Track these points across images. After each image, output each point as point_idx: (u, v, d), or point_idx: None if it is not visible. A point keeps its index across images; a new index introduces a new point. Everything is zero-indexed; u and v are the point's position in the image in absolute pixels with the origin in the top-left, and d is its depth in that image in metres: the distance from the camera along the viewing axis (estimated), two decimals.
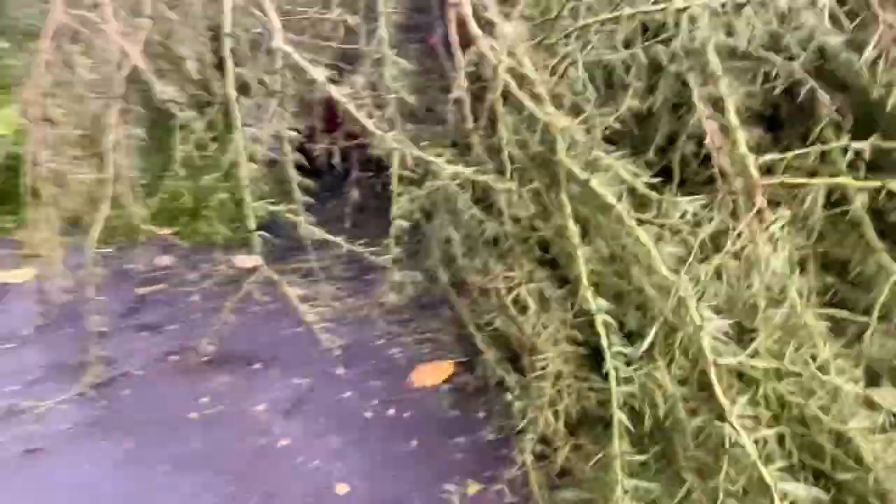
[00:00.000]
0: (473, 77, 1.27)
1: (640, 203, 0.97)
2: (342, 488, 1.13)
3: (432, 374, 1.43)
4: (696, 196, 0.86)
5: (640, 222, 0.85)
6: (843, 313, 1.12)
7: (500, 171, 1.21)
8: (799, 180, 0.89)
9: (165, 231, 2.14)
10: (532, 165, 1.16)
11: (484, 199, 1.30)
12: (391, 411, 1.33)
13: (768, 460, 0.70)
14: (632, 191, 0.99)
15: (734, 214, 0.89)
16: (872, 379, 1.07)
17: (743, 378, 0.78)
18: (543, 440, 1.10)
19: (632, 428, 0.84)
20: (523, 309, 1.18)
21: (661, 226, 0.84)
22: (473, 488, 1.13)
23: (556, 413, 1.04)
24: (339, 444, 1.23)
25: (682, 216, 0.89)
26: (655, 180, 0.93)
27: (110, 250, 1.92)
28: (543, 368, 1.07)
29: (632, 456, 0.83)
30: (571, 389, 1.03)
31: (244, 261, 2.00)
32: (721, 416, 0.72)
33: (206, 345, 1.51)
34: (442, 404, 1.35)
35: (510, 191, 1.09)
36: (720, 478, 0.70)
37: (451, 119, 1.36)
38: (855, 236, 1.16)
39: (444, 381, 1.42)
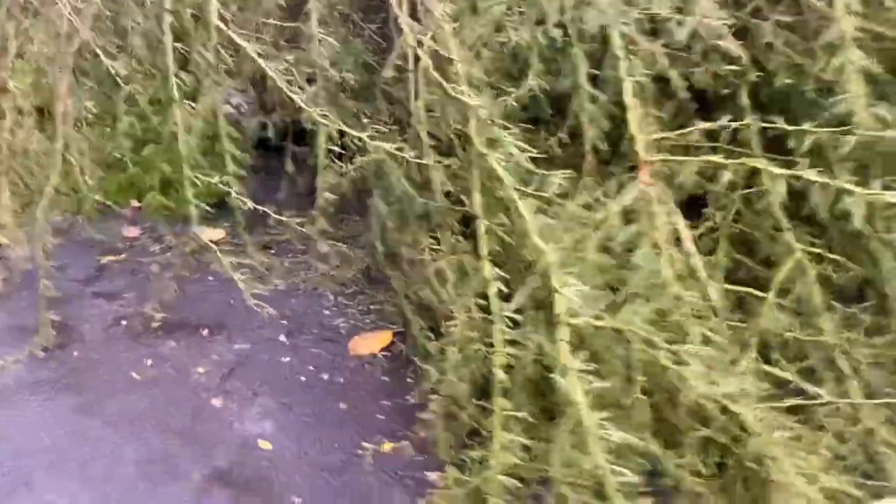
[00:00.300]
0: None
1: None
2: (266, 445, 1.20)
3: (370, 342, 1.49)
4: (566, 171, 0.91)
5: (522, 195, 0.90)
6: (746, 289, 1.18)
7: (435, 148, 1.27)
8: (677, 158, 0.94)
9: (136, 204, 2.20)
10: (455, 143, 1.21)
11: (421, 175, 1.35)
12: (325, 376, 1.39)
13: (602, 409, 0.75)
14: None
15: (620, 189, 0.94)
16: (764, 350, 1.12)
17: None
18: (457, 403, 1.16)
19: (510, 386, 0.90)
20: (444, 280, 1.24)
21: (540, 198, 0.89)
22: (387, 447, 1.19)
23: (460, 377, 1.09)
24: (270, 406, 1.30)
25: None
26: (540, 156, 0.98)
27: (79, 220, 2.00)
28: (451, 335, 1.13)
29: (510, 412, 0.88)
30: (477, 355, 1.09)
31: (208, 234, 2.06)
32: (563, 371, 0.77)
33: (157, 311, 1.58)
34: (374, 371, 1.41)
35: (428, 166, 1.14)
36: (561, 425, 0.76)
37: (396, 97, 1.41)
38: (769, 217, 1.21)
39: (381, 350, 1.48)
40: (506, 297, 1.00)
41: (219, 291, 1.70)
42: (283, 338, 1.52)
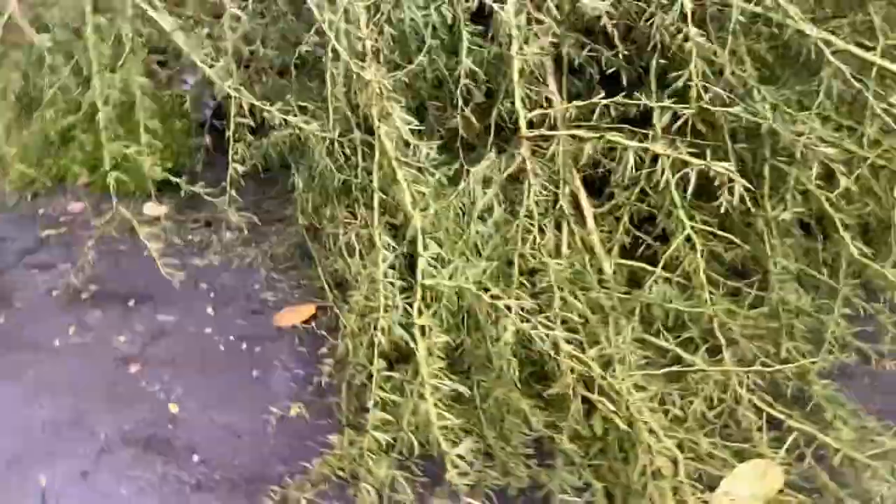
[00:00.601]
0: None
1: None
2: (174, 408, 1.24)
3: (293, 315, 1.53)
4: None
5: (400, 163, 0.94)
6: (636, 263, 1.23)
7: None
8: (551, 132, 0.98)
9: (84, 179, 2.23)
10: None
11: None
12: (244, 346, 1.43)
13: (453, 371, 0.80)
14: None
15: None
16: (648, 320, 1.17)
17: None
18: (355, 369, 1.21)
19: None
20: (352, 252, 1.28)
21: (417, 168, 0.93)
22: (294, 411, 1.23)
23: (361, 344, 1.14)
24: (185, 372, 1.34)
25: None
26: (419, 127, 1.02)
27: (26, 195, 2.03)
28: (357, 304, 1.17)
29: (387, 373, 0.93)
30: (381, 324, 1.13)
31: (152, 209, 2.09)
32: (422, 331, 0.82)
33: (89, 283, 1.62)
34: (293, 342, 1.45)
35: (333, 141, 1.18)
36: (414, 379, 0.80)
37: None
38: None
39: (304, 322, 1.52)
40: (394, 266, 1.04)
41: (152, 265, 1.73)
42: (209, 310, 1.55)
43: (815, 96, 1.07)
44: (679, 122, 1.05)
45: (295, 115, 1.26)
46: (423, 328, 0.83)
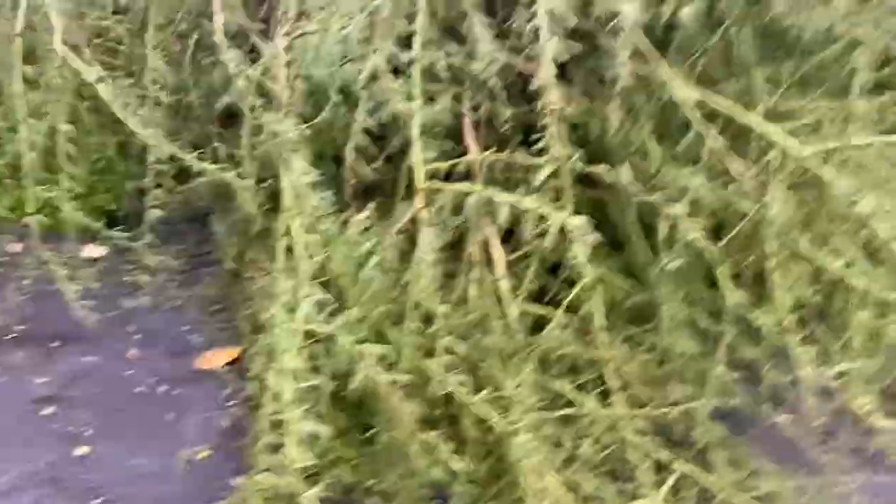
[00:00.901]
0: None
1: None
2: (83, 450, 1.25)
3: (217, 358, 1.55)
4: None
5: (295, 212, 0.98)
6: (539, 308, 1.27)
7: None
8: (441, 185, 1.03)
9: (29, 219, 2.24)
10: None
11: None
12: (163, 388, 1.44)
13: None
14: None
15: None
16: (545, 365, 1.21)
17: None
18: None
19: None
20: (265, 296, 1.31)
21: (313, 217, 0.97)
22: (203, 454, 1.25)
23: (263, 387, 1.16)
24: (99, 414, 1.34)
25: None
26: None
27: None
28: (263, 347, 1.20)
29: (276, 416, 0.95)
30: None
31: (91, 250, 2.11)
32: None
33: (16, 324, 1.62)
34: (213, 384, 1.46)
35: (245, 188, 1.22)
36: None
37: None
38: None
39: (227, 364, 1.53)
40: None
41: (82, 307, 1.74)
42: (133, 351, 1.57)
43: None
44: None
45: (215, 163, 1.31)
46: (293, 371, 0.86)
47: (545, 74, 0.93)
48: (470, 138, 1.24)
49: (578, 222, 0.93)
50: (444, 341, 1.01)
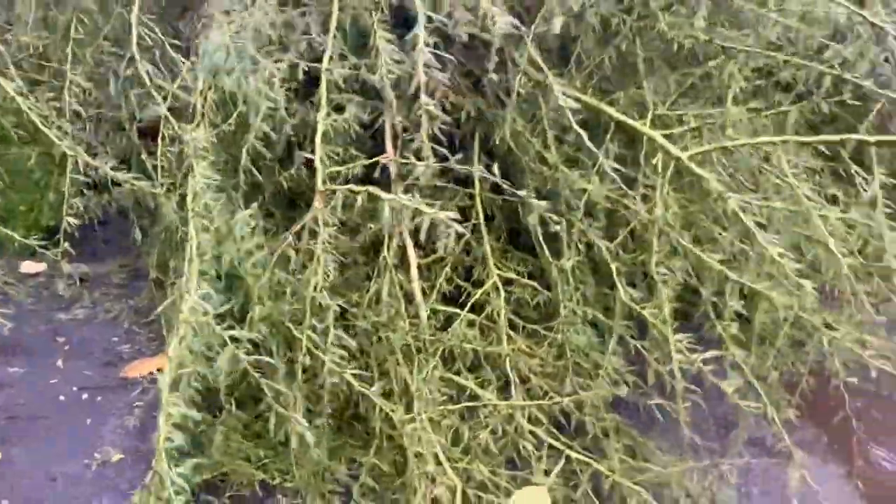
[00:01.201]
0: None
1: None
2: None
3: (143, 367, 1.57)
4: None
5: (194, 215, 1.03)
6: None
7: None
8: (338, 187, 1.09)
9: None
10: None
11: None
12: (85, 396, 1.46)
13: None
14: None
15: None
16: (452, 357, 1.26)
17: None
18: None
19: None
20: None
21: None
22: (116, 458, 1.27)
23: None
24: (18, 422, 1.36)
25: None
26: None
27: None
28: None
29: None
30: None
31: (29, 266, 2.13)
32: None
33: None
34: (135, 392, 1.48)
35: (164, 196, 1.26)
36: None
37: None
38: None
39: (151, 373, 1.55)
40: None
41: (13, 320, 1.75)
42: (60, 362, 1.58)
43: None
44: None
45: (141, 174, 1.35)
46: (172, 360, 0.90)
47: (417, 80, 1.00)
48: (389, 144, 1.30)
49: (444, 217, 0.99)
50: (333, 335, 1.06)
